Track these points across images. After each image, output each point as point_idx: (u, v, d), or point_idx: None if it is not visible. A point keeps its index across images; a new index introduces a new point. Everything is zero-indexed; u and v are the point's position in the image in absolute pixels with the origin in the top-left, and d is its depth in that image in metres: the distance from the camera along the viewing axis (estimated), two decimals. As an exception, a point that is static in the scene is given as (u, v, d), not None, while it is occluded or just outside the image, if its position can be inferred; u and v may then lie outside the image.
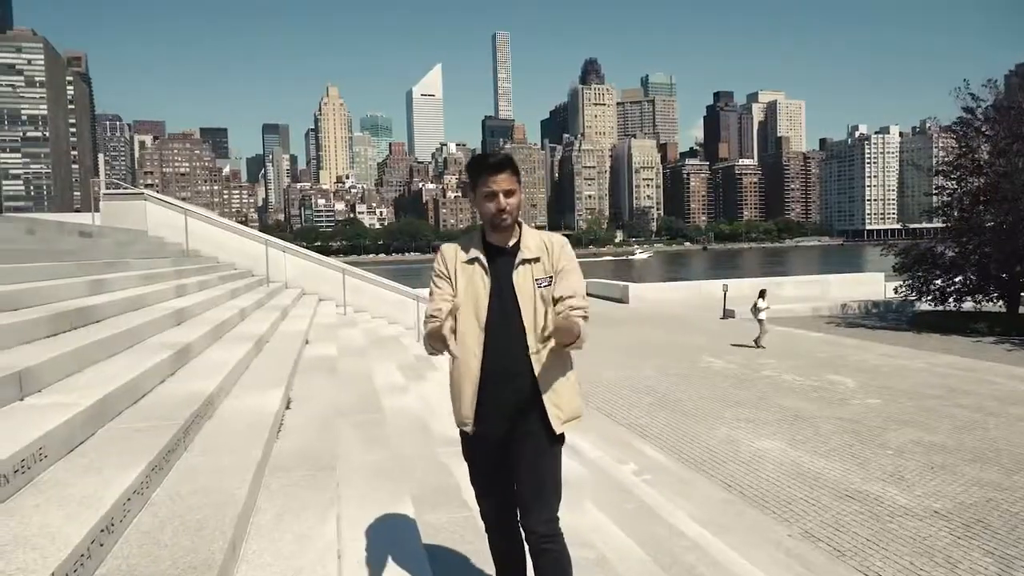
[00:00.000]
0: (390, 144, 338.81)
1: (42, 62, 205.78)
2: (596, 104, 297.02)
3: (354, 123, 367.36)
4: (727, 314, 22.60)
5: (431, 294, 2.47)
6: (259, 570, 2.26)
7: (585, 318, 2.35)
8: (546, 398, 2.32)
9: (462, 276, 2.39)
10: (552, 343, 2.30)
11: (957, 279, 19.94)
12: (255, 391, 4.37)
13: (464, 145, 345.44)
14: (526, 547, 2.47)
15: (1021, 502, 6.43)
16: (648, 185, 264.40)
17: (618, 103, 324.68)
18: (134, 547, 2.13)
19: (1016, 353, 15.12)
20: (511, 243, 2.41)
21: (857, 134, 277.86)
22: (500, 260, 2.40)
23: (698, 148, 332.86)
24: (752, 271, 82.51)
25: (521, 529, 2.40)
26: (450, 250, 2.48)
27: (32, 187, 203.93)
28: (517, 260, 2.38)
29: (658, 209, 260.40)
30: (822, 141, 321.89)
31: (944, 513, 6.25)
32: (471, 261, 2.39)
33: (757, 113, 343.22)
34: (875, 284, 28.04)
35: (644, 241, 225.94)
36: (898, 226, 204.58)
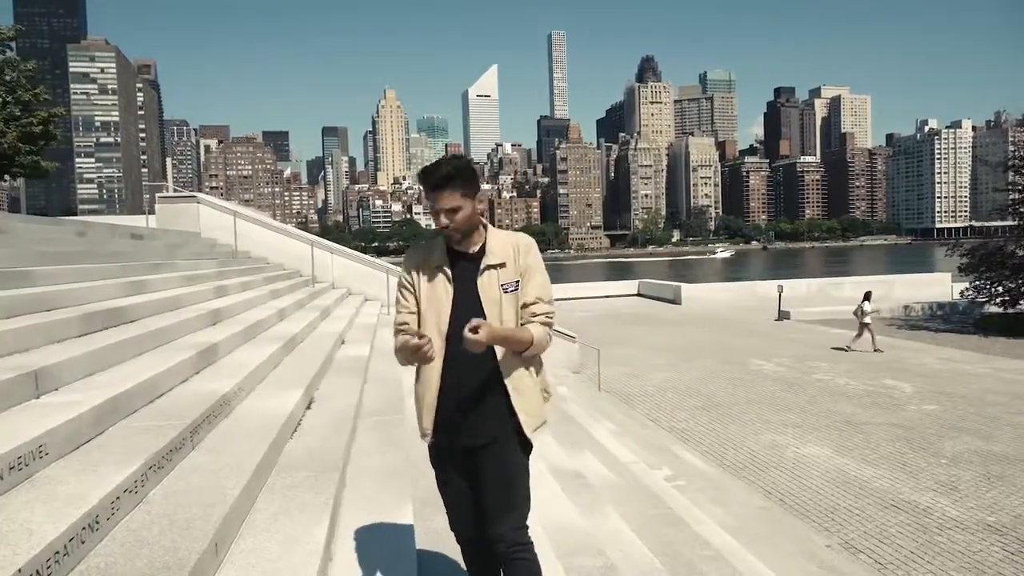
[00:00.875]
0: (446, 145, 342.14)
1: (114, 70, 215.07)
2: (653, 102, 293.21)
3: (411, 125, 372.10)
4: (782, 316, 22.00)
5: (397, 303, 2.43)
6: (241, 571, 2.26)
7: (549, 324, 2.33)
8: (516, 405, 2.27)
9: (424, 285, 2.35)
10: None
11: (1029, 280, 18.93)
12: (276, 391, 4.42)
13: (519, 145, 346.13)
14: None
15: (1084, 518, 6.05)
16: (706, 184, 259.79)
17: (675, 101, 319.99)
18: (117, 545, 2.16)
19: (1092, 358, 14.26)
20: (475, 248, 2.36)
21: (926, 129, 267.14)
22: (464, 266, 2.34)
23: (758, 145, 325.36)
24: (813, 271, 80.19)
25: (492, 539, 2.34)
26: (416, 256, 2.44)
27: (104, 191, 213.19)
28: (482, 266, 2.32)
29: (716, 208, 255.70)
30: (889, 137, 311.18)
31: (998, 527, 5.93)
32: (434, 269, 2.35)
33: (820, 109, 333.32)
34: (941, 285, 26.89)
35: (701, 241, 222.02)
36: (970, 224, 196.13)
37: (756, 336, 18.23)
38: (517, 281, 2.32)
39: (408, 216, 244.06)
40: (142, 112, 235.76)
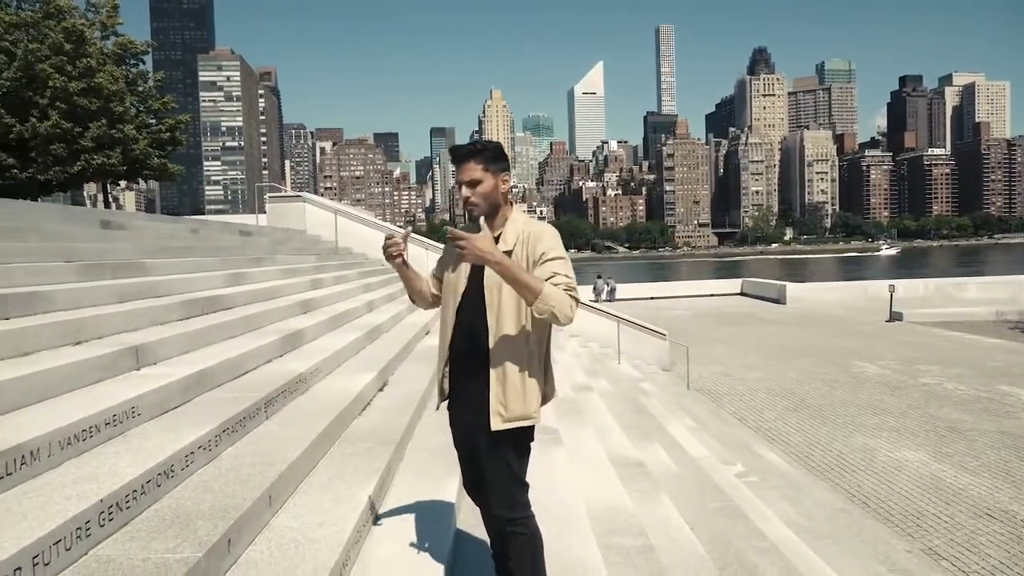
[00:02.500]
0: (551, 143, 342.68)
1: (238, 78, 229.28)
2: (765, 95, 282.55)
3: (516, 124, 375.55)
4: (893, 317, 20.89)
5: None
6: (292, 519, 2.58)
7: (570, 291, 2.27)
8: (492, 393, 2.31)
9: (452, 261, 2.48)
10: (513, 332, 2.31)
11: None
12: (351, 374, 4.78)
13: (626, 142, 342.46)
14: None
15: None
16: (822, 179, 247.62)
17: (789, 93, 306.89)
18: (188, 491, 2.51)
19: None
20: (496, 234, 2.40)
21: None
22: None
23: (880, 138, 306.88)
24: (937, 271, 74.96)
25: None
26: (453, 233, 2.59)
27: (229, 192, 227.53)
28: None
29: (833, 204, 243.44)
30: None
31: (1098, 543, 5.55)
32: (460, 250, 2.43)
33: (950, 98, 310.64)
34: (1081, 286, 24.71)
35: (817, 239, 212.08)
36: None
37: (862, 337, 17.44)
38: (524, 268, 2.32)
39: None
40: (263, 117, 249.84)
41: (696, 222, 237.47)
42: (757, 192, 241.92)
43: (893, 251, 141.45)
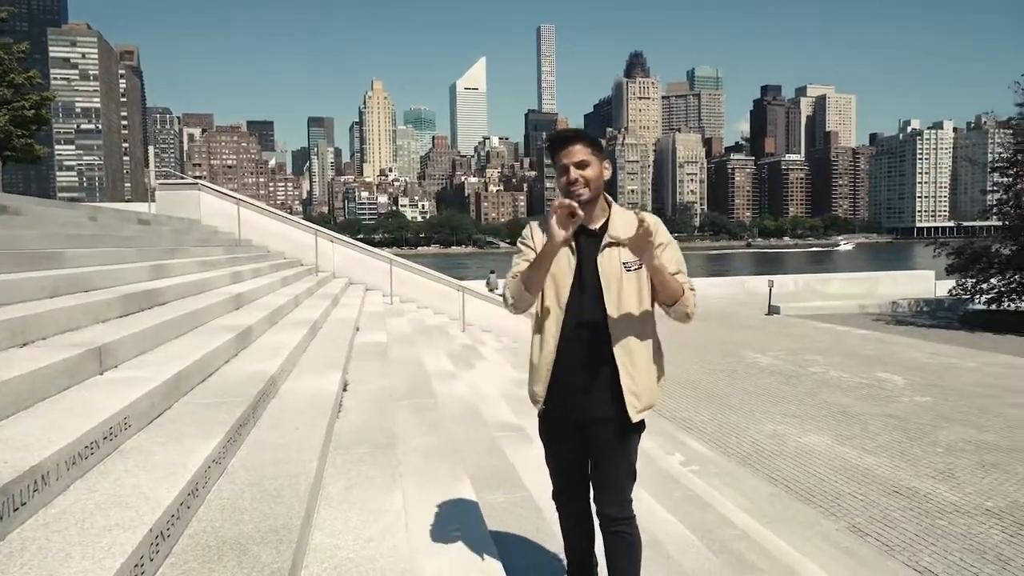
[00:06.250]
0: (433, 137, 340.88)
1: (96, 56, 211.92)
2: (641, 98, 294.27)
3: (398, 116, 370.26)
4: (772, 310, 22.32)
5: (518, 256, 2.44)
6: (329, 536, 2.36)
7: (692, 291, 2.32)
8: (624, 385, 2.25)
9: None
10: (637, 326, 2.26)
11: (1015, 278, 19.36)
12: (314, 373, 4.52)
13: (506, 139, 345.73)
14: (596, 529, 2.48)
15: (1078, 503, 6.29)
16: (692, 180, 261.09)
17: (663, 97, 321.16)
18: (216, 511, 2.26)
19: (1075, 354, 14.63)
20: (599, 224, 2.34)
21: (909, 129, 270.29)
22: (587, 241, 2.33)
23: (744, 143, 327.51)
24: (798, 268, 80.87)
25: (594, 512, 2.40)
26: (538, 227, 2.43)
27: (85, 178, 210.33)
28: (604, 242, 2.30)
29: (701, 204, 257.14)
30: (872, 136, 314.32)
31: (996, 512, 6.14)
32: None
33: (805, 108, 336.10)
34: (925, 282, 27.40)
35: (687, 237, 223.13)
36: (950, 224, 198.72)
37: (749, 330, 18.49)
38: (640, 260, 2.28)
39: (394, 208, 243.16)
40: (124, 99, 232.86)
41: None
42: (633, 191, 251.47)
43: (850, 246, 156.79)
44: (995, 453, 7.79)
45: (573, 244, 2.32)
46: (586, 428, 2.33)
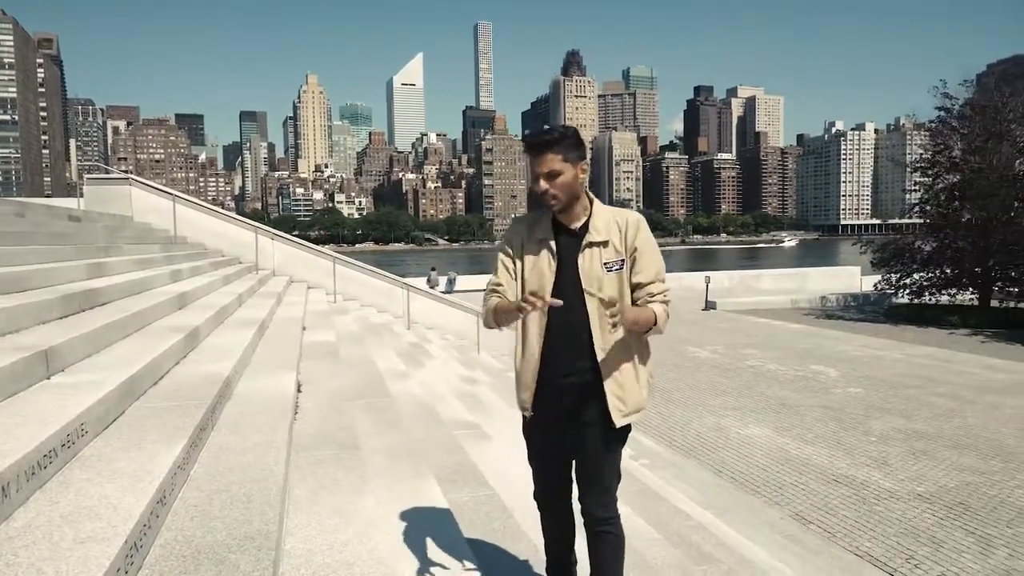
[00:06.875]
0: (370, 133, 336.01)
1: (11, 43, 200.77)
2: (577, 96, 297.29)
3: (334, 112, 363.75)
4: (708, 305, 22.89)
5: (496, 269, 2.40)
6: (304, 542, 2.31)
7: (666, 303, 2.31)
8: (608, 389, 2.24)
9: (528, 257, 2.32)
10: (620, 331, 2.21)
11: (934, 273, 20.36)
12: (267, 374, 4.40)
13: (444, 135, 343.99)
14: (577, 529, 2.48)
15: (998, 485, 6.68)
16: (628, 178, 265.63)
17: (599, 95, 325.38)
18: (185, 519, 2.18)
19: (989, 344, 15.50)
20: (579, 224, 2.30)
21: (834, 130, 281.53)
22: (567, 242, 2.29)
23: (678, 142, 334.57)
24: (731, 264, 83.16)
25: (580, 512, 2.40)
26: (520, 227, 2.40)
27: (0, 172, 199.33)
28: (584, 243, 2.27)
29: (637, 202, 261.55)
30: (799, 137, 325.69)
31: (927, 496, 6.46)
32: (539, 242, 2.31)
33: (736, 108, 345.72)
34: (851, 278, 28.56)
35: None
36: (874, 221, 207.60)
37: (688, 325, 18.90)
38: (622, 260, 2.27)
39: (330, 204, 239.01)
40: (43, 89, 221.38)
41: (514, 215, 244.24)
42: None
43: (794, 242, 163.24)
44: (923, 441, 8.20)
45: (553, 245, 2.30)
46: (572, 431, 2.32)
